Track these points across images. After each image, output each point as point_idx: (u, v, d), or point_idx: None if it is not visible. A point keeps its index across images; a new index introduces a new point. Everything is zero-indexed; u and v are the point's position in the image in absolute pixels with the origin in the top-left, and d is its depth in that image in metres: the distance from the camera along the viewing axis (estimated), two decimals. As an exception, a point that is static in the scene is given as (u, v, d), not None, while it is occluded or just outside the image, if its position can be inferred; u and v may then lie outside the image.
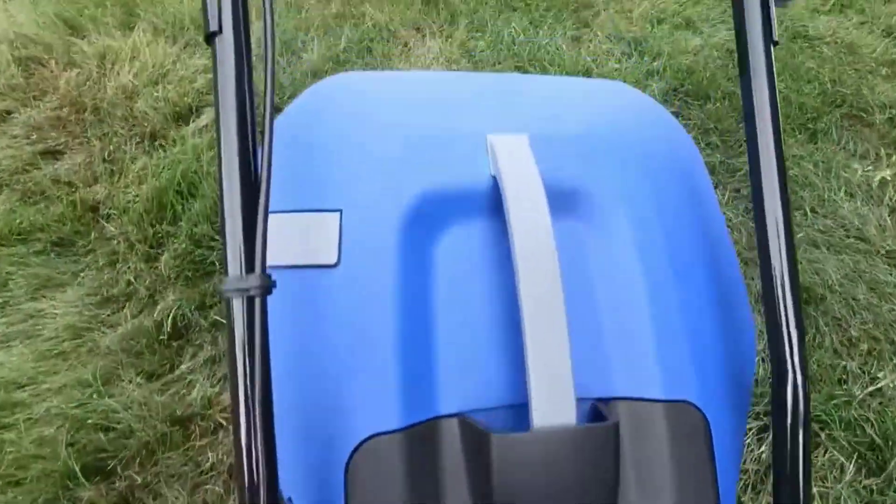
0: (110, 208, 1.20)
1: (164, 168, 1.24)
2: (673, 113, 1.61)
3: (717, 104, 1.62)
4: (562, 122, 0.60)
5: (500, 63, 1.62)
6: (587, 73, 1.65)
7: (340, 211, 0.52)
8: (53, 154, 1.29)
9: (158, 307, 1.05)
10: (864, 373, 1.15)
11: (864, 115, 1.70)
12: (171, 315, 1.04)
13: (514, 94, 0.64)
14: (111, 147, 1.30)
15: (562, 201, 0.54)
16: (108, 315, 1.04)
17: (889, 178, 1.51)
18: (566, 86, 0.68)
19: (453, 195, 0.54)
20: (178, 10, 1.61)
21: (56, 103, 1.37)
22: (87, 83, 1.41)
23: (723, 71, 1.73)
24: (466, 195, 0.54)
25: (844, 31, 1.95)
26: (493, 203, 0.54)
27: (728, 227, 1.39)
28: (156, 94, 1.37)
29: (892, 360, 1.17)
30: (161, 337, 1.02)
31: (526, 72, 1.62)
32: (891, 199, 1.47)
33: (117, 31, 1.55)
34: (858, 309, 1.24)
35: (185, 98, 1.37)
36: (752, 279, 1.28)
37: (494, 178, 0.54)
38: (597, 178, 0.56)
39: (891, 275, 1.31)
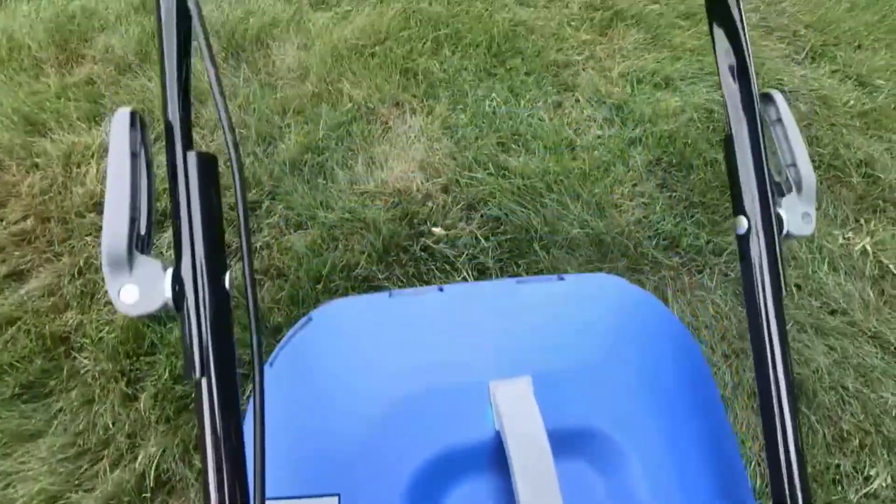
0: (82, 337, 1.12)
1: (138, 288, 1.16)
2: (658, 186, 1.58)
3: (701, 174, 1.59)
4: (564, 351, 0.56)
5: (482, 139, 1.56)
6: (570, 146, 1.60)
7: (339, 495, 0.47)
8: (19, 276, 1.19)
9: (139, 457, 0.97)
10: (857, 472, 1.13)
11: (842, 175, 1.68)
12: (154, 465, 0.97)
13: (512, 317, 0.59)
14: (81, 263, 1.21)
15: (568, 442, 0.50)
16: (85, 470, 0.96)
17: (869, 248, 1.50)
18: (564, 294, 0.63)
19: (455, 458, 0.49)
20: (146, 94, 1.52)
21: (20, 214, 1.27)
22: (53, 188, 1.31)
23: (703, 135, 1.70)
24: (469, 455, 0.49)
25: (818, 83, 1.94)
26: (498, 459, 0.50)
27: (717, 313, 1.36)
28: (126, 200, 1.28)
29: (883, 454, 1.16)
30: (143, 493, 0.95)
31: (508, 149, 1.56)
32: (872, 271, 1.46)
33: (82, 123, 1.44)
34: (848, 398, 1.22)
35: (157, 203, 1.28)
36: (746, 370, 1.25)
37: (498, 431, 0.50)
38: (602, 413, 0.52)
39: (877, 357, 1.30)
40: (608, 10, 2.03)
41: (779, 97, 0.54)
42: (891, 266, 1.46)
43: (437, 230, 1.32)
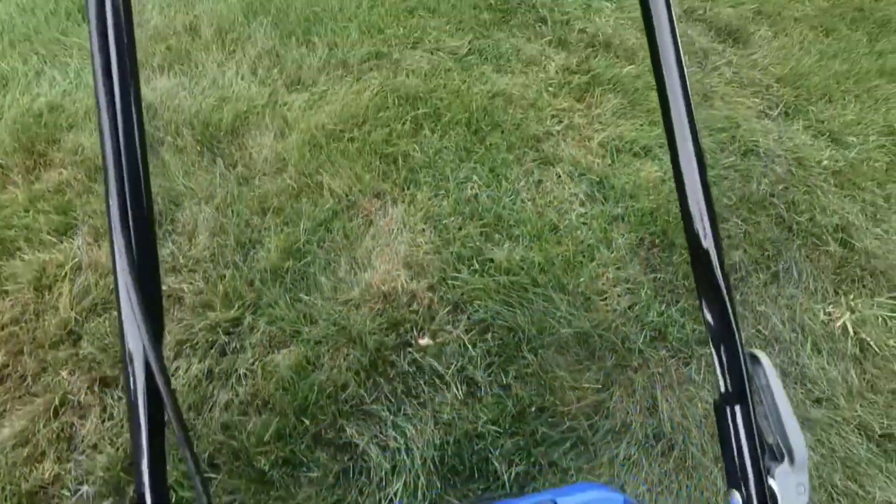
0: (61, 489, 1.06)
1: (119, 428, 1.10)
2: (642, 268, 1.55)
3: (684, 253, 1.57)
4: None
5: (465, 229, 1.52)
6: (553, 229, 1.57)
7: None
8: (-9, 422, 1.13)
9: None
10: (849, 579, 1.13)
11: (820, 244, 1.67)
12: None
13: None
14: (56, 402, 1.14)
15: None
16: None
17: (849, 325, 1.49)
18: None
19: None
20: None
21: (-11, 349, 1.20)
22: (24, 317, 1.24)
23: (684, 208, 1.68)
24: None
25: (793, 142, 1.93)
26: None
27: (706, 411, 1.34)
28: (101, 328, 1.22)
29: (874, 558, 1.15)
30: None
31: (492, 238, 1.52)
32: (853, 349, 1.45)
33: (53, 237, 1.37)
34: (837, 496, 1.21)
35: None
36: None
37: None
38: None
39: (863, 448, 1.29)
40: (585, 74, 2.00)
41: (765, 360, 0.52)
42: (871, 342, 1.46)
43: (423, 341, 1.28)
